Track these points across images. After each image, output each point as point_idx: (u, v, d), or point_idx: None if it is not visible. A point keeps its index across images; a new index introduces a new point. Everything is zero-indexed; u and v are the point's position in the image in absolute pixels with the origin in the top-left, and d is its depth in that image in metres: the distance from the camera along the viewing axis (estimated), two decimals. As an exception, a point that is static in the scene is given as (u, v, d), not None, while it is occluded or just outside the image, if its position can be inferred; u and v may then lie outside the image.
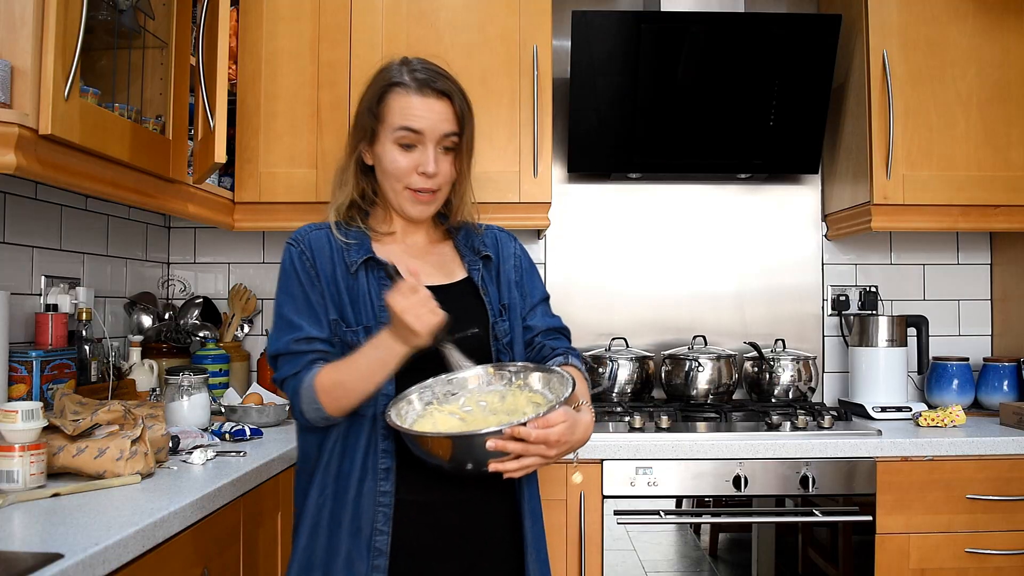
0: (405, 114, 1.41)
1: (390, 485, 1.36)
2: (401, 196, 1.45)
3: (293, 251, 1.43)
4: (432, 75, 1.44)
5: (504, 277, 1.52)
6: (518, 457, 1.24)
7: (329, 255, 1.43)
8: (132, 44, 1.94)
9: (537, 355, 1.52)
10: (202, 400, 2.01)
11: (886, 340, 2.46)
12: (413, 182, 1.42)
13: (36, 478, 1.34)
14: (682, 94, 2.42)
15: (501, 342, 1.46)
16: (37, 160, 1.45)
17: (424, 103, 1.41)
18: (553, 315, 1.58)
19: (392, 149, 1.42)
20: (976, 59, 2.36)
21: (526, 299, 1.54)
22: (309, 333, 1.37)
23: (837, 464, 2.00)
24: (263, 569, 1.69)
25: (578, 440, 1.31)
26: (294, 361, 1.37)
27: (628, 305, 2.67)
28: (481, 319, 1.45)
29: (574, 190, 2.69)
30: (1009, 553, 2.00)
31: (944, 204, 2.35)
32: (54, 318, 1.85)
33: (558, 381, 1.37)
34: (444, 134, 1.42)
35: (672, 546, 2.07)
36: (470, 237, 1.55)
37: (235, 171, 2.30)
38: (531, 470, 1.27)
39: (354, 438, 1.38)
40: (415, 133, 1.41)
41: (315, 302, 1.39)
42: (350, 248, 1.44)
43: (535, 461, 1.25)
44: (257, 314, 2.68)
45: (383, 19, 2.30)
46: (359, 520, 1.35)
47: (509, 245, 1.57)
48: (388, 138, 1.42)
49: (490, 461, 1.23)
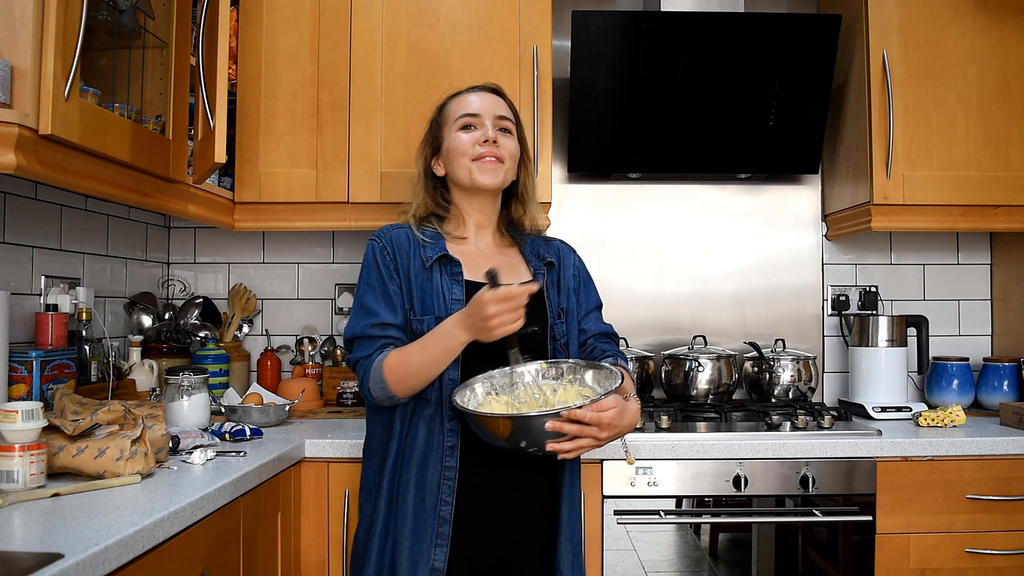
0: (463, 105, 1.65)
1: (455, 461, 1.51)
2: (471, 168, 1.62)
3: (376, 246, 1.60)
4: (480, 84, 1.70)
5: (564, 284, 1.69)
6: (574, 439, 1.37)
7: (407, 251, 1.59)
8: (132, 44, 1.94)
9: (588, 355, 1.69)
10: (202, 400, 2.01)
11: (886, 340, 2.46)
12: (476, 151, 1.61)
13: (36, 478, 1.34)
14: (682, 94, 2.42)
15: (558, 342, 1.62)
16: (37, 160, 1.45)
17: (477, 94, 1.66)
18: (605, 323, 1.76)
19: (457, 135, 1.63)
20: (976, 59, 2.36)
21: (582, 305, 1.71)
22: (385, 319, 1.54)
23: (837, 464, 2.00)
24: (263, 569, 1.69)
25: (627, 425, 1.46)
26: (368, 344, 1.54)
27: (628, 305, 2.67)
28: (541, 319, 1.60)
29: (574, 190, 2.69)
30: (1009, 553, 2.00)
31: (944, 204, 2.35)
32: (54, 318, 1.85)
33: (607, 376, 1.51)
34: (498, 115, 1.65)
35: (672, 546, 2.07)
36: (535, 245, 1.72)
37: (235, 171, 2.30)
38: (585, 451, 1.41)
39: (419, 419, 1.53)
40: (473, 116, 1.63)
41: (392, 292, 1.56)
42: (426, 246, 1.60)
43: (588, 443, 1.39)
44: (257, 314, 2.68)
45: (383, 19, 2.30)
46: (423, 491, 1.50)
47: (569, 256, 1.75)
48: (451, 130, 1.64)
49: (547, 442, 1.36)
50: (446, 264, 1.58)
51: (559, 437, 1.36)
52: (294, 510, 1.90)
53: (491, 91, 1.68)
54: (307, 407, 2.39)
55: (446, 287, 1.56)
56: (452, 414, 1.52)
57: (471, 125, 1.63)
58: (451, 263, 1.58)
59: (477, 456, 1.52)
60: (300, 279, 2.69)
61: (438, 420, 1.53)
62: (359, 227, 2.29)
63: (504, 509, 1.55)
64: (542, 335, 1.59)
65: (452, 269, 1.58)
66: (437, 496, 1.50)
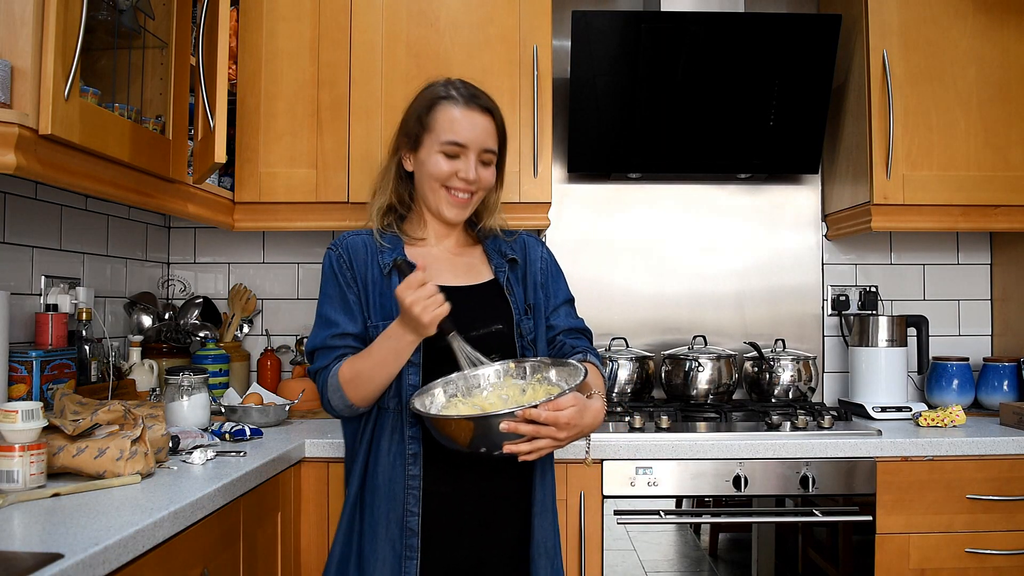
0: (453, 127, 1.54)
1: (418, 469, 1.48)
2: (439, 196, 1.57)
3: (332, 255, 1.57)
4: (476, 92, 1.59)
5: (531, 279, 1.64)
6: (531, 440, 1.32)
7: (364, 258, 1.56)
8: (132, 44, 1.94)
9: (558, 352, 1.63)
10: (202, 400, 2.01)
11: (886, 340, 2.46)
12: (453, 183, 1.56)
13: (36, 478, 1.34)
14: (682, 94, 2.42)
15: (526, 339, 1.57)
16: (37, 160, 1.45)
17: (470, 116, 1.55)
18: (576, 317, 1.69)
19: (437, 156, 1.55)
20: (976, 59, 2.36)
21: (550, 299, 1.65)
22: (344, 329, 1.51)
23: (837, 464, 2.00)
24: (263, 569, 1.69)
25: (588, 425, 1.40)
26: (326, 355, 1.51)
27: (628, 305, 2.67)
28: (506, 317, 1.56)
29: (574, 190, 2.69)
30: (1009, 553, 2.00)
31: (944, 204, 2.35)
32: (54, 318, 1.85)
33: (571, 373, 1.45)
34: (485, 149, 1.57)
35: (672, 546, 2.07)
36: (498, 242, 1.67)
37: (235, 171, 2.30)
38: (544, 453, 1.35)
39: (382, 428, 1.51)
40: (460, 146, 1.55)
41: (351, 301, 1.53)
42: (384, 252, 1.56)
43: (547, 443, 1.34)
44: (257, 314, 2.68)
45: (383, 19, 2.30)
46: (392, 501, 1.47)
47: (536, 250, 1.69)
48: (434, 147, 1.56)
49: (504, 443, 1.31)
50: (405, 269, 1.51)
51: (516, 438, 1.31)
52: (294, 510, 1.90)
53: (485, 111, 1.57)
54: (307, 407, 2.39)
55: None
56: (413, 421, 1.48)
57: (456, 154, 1.55)
58: (409, 268, 1.51)
59: (443, 464, 1.48)
60: (300, 279, 2.69)
61: (399, 428, 1.49)
62: (359, 227, 2.28)
63: (474, 518, 1.50)
64: (507, 332, 1.55)
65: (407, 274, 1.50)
66: (403, 507, 1.46)
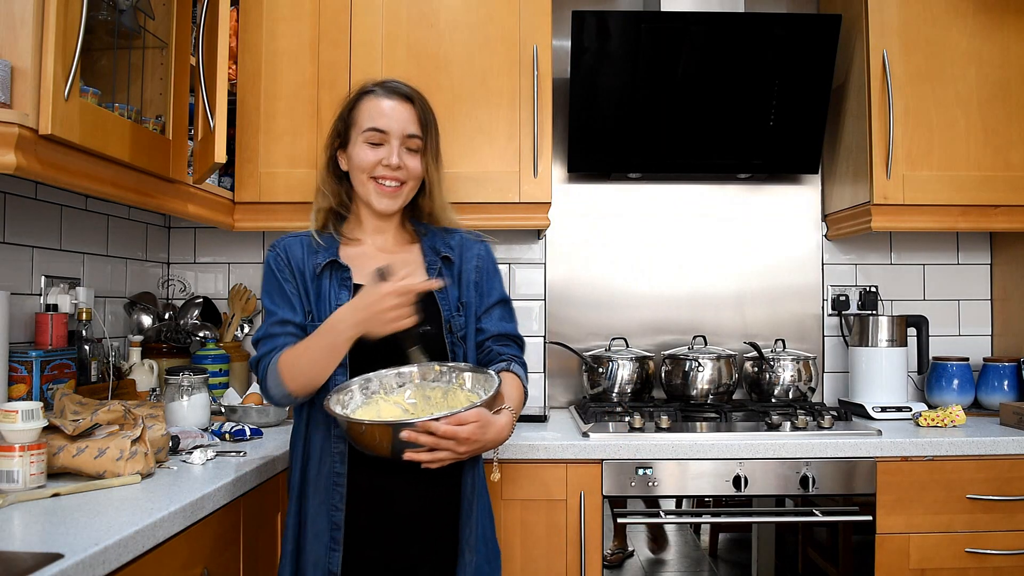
0: (373, 115, 1.57)
1: (344, 467, 1.49)
2: (367, 187, 1.58)
3: (271, 254, 1.59)
4: (398, 84, 1.62)
5: (465, 277, 1.63)
6: (431, 450, 1.34)
7: (300, 257, 1.57)
8: (132, 44, 1.94)
9: (485, 358, 1.63)
10: (202, 400, 2.01)
11: (886, 340, 2.46)
12: (378, 172, 1.57)
13: (36, 478, 1.34)
14: (682, 94, 2.42)
15: (456, 335, 1.57)
16: (37, 160, 1.45)
17: (389, 104, 1.58)
18: (511, 320, 1.67)
19: (362, 147, 1.57)
20: (976, 59, 2.36)
21: (483, 299, 1.64)
22: (284, 316, 1.53)
23: (837, 464, 2.00)
24: (263, 569, 1.69)
25: (491, 440, 1.41)
26: (268, 342, 1.52)
27: (628, 305, 2.67)
28: (434, 316, 1.56)
29: (574, 190, 2.69)
30: (1009, 553, 2.00)
31: (944, 204, 2.35)
32: (54, 318, 1.85)
33: (485, 380, 1.48)
34: (407, 135, 1.58)
35: (672, 546, 2.07)
36: (435, 240, 1.66)
37: (235, 171, 2.30)
38: (444, 463, 1.38)
39: (314, 424, 1.53)
40: (381, 133, 1.56)
41: (290, 292, 1.55)
42: (318, 252, 1.58)
43: (447, 455, 1.36)
44: (257, 314, 2.67)
45: (383, 19, 2.30)
46: (321, 495, 1.50)
47: (474, 248, 1.67)
48: (359, 138, 1.58)
49: (405, 451, 1.33)
50: (336, 270, 1.56)
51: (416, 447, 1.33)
52: (294, 510, 1.90)
53: (405, 99, 1.59)
54: (307, 407, 2.39)
55: (334, 293, 1.54)
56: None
57: (379, 141, 1.56)
58: (340, 269, 1.56)
59: (371, 461, 1.46)
60: (300, 279, 2.69)
61: (325, 425, 1.51)
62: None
63: (402, 517, 1.50)
64: (436, 333, 1.55)
65: (341, 275, 1.56)
66: (329, 502, 1.49)
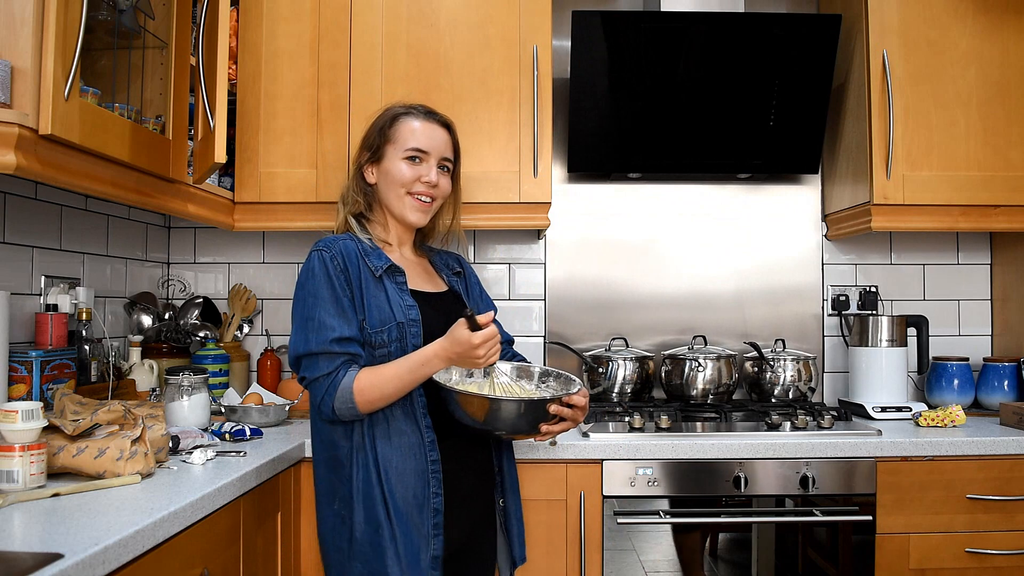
0: (416, 135, 1.70)
1: (437, 454, 1.58)
2: (404, 201, 1.70)
3: (324, 255, 1.59)
4: (434, 111, 1.76)
5: (472, 291, 1.86)
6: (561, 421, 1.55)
7: (356, 261, 1.61)
8: (132, 44, 1.94)
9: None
10: (202, 400, 2.01)
11: (886, 340, 2.46)
12: (416, 188, 1.69)
13: (36, 478, 1.34)
14: (682, 94, 2.42)
15: None
16: (37, 160, 1.45)
17: (430, 127, 1.72)
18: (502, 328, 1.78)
19: (401, 163, 1.69)
20: (976, 59, 2.36)
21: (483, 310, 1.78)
22: (343, 334, 1.53)
23: (837, 464, 2.00)
24: (263, 569, 1.69)
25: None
26: (329, 361, 1.53)
27: (628, 305, 2.67)
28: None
29: (574, 190, 2.69)
30: (1009, 553, 2.00)
31: (944, 204, 2.35)
32: (54, 318, 1.85)
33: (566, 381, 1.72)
34: (444, 157, 1.73)
35: (672, 546, 2.07)
36: (443, 256, 1.86)
37: (235, 171, 2.30)
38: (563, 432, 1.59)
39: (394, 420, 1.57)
40: (423, 153, 1.70)
41: (347, 305, 1.55)
42: (370, 255, 1.64)
43: (569, 425, 1.58)
44: (257, 314, 2.68)
45: (383, 19, 2.30)
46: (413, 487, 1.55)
47: (468, 266, 1.91)
48: (398, 155, 1.69)
49: (541, 425, 1.53)
50: (393, 273, 1.64)
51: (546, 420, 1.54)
52: (294, 510, 1.90)
53: (444, 126, 1.74)
54: (307, 407, 2.38)
55: (397, 295, 1.61)
56: (425, 412, 1.58)
57: (418, 158, 1.69)
58: (397, 272, 1.64)
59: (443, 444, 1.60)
60: (300, 279, 2.69)
61: (412, 418, 1.58)
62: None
63: (465, 492, 1.65)
64: None
65: (397, 278, 1.64)
66: (427, 490, 1.56)
